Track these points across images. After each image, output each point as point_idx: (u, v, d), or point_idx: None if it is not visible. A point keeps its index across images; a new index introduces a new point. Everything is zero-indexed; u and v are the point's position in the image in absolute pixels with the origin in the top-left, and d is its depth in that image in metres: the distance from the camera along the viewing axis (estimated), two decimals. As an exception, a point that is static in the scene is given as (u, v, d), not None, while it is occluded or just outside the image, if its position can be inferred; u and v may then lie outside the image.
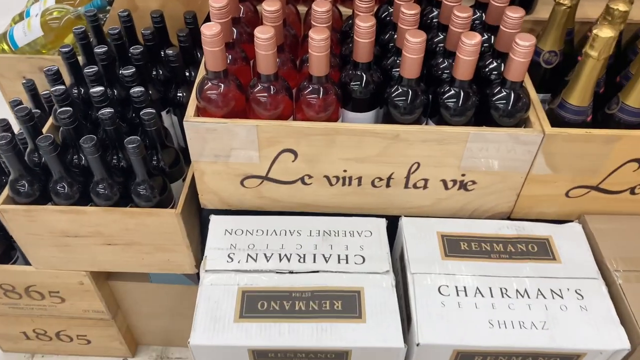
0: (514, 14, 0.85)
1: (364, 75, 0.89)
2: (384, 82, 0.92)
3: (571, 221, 1.00)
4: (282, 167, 0.93)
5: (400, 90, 0.87)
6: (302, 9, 1.13)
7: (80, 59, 1.22)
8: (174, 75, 1.21)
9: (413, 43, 0.80)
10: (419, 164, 0.92)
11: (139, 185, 1.02)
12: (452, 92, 0.86)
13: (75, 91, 1.19)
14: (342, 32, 1.04)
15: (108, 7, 1.42)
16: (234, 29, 0.96)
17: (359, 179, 0.95)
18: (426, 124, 0.92)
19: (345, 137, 0.88)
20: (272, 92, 0.86)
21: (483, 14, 1.01)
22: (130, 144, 0.95)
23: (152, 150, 1.07)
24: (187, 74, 1.24)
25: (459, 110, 0.87)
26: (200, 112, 0.90)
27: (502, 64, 0.91)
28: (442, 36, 0.97)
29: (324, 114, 0.88)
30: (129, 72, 1.10)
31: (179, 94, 1.21)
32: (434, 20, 1.02)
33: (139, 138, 0.96)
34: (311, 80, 0.86)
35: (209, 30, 0.80)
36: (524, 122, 0.90)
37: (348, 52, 0.97)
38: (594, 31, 0.80)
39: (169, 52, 1.17)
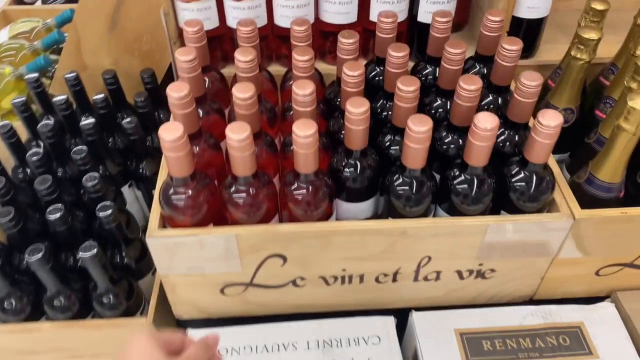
0: (531, 81, 0.72)
1: (359, 164, 0.75)
2: (383, 163, 0.78)
3: (602, 299, 0.88)
4: (269, 272, 0.79)
5: (404, 181, 0.73)
6: (276, 70, 0.99)
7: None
8: (133, 146, 1.05)
9: (417, 133, 0.67)
10: (430, 258, 0.79)
11: (100, 296, 0.86)
12: (465, 179, 0.73)
13: (21, 174, 1.03)
14: (325, 100, 0.90)
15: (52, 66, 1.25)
16: (200, 110, 0.82)
17: (361, 276, 0.81)
18: (435, 211, 0.79)
19: (343, 237, 0.74)
20: (251, 194, 0.72)
21: (484, 68, 0.88)
22: (86, 253, 0.80)
23: (113, 249, 0.92)
24: (149, 141, 1.09)
25: (474, 199, 0.74)
26: (165, 220, 0.75)
27: (517, 135, 0.78)
28: (441, 101, 0.84)
29: (316, 213, 0.74)
30: (80, 155, 0.93)
31: (141, 165, 1.05)
32: (429, 77, 0.89)
33: (95, 245, 0.81)
34: (298, 177, 0.71)
35: (170, 135, 0.65)
36: (548, 204, 0.77)
37: (336, 128, 0.83)
38: (629, 103, 0.68)
39: (126, 124, 1.01)
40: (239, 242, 0.73)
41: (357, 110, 0.69)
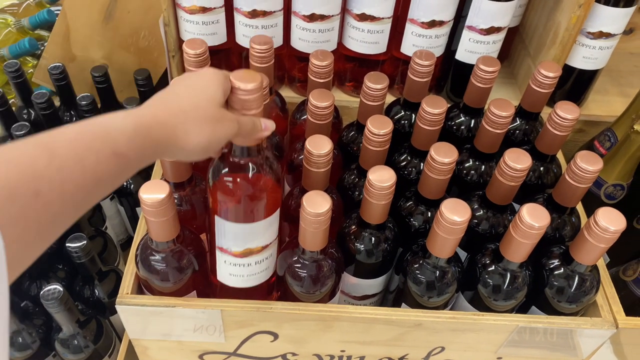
0: (589, 166, 0.60)
1: (375, 240, 0.64)
2: (401, 232, 0.67)
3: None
4: (257, 345, 0.68)
5: (427, 269, 0.62)
6: (288, 96, 0.86)
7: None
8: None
9: (451, 223, 0.55)
10: (443, 348, 0.68)
11: (65, 340, 0.76)
12: (499, 273, 0.62)
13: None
14: (340, 144, 0.77)
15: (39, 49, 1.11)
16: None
17: (361, 358, 0.71)
18: (456, 300, 0.68)
19: (347, 324, 0.63)
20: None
21: (527, 125, 0.76)
22: (48, 299, 0.69)
23: (83, 283, 0.81)
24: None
25: (505, 295, 0.63)
26: (141, 281, 0.64)
27: (563, 221, 0.67)
28: (476, 164, 0.72)
29: (318, 293, 0.63)
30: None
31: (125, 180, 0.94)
32: (462, 128, 0.77)
33: (59, 289, 0.70)
34: (302, 252, 0.60)
35: (151, 198, 0.53)
36: (587, 307, 0.66)
37: (350, 182, 0.71)
38: None
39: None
40: (225, 318, 0.62)
41: (380, 183, 0.57)
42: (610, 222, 0.56)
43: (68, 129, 0.38)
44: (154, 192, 0.54)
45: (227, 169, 0.53)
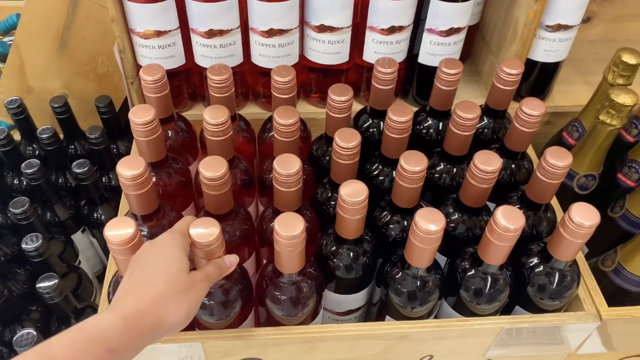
0: (559, 161, 0.60)
1: (352, 254, 0.63)
2: (380, 243, 0.66)
3: (616, 386, 0.78)
4: (243, 372, 0.66)
5: (408, 280, 0.61)
6: (252, 112, 0.85)
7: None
8: (87, 191, 0.90)
9: (426, 233, 0.54)
10: (431, 356, 0.68)
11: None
12: (479, 277, 0.61)
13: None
14: (311, 157, 0.76)
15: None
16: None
17: (350, 373, 0.70)
18: (440, 307, 0.67)
19: (332, 343, 0.62)
20: (222, 296, 0.59)
21: (494, 122, 0.76)
22: (22, 345, 0.66)
23: (59, 326, 0.79)
24: (105, 179, 0.95)
25: (487, 299, 0.62)
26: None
27: (537, 217, 0.67)
28: (447, 167, 0.71)
29: (300, 314, 0.62)
30: (20, 209, 0.78)
31: (96, 210, 0.91)
32: (430, 131, 0.76)
33: (33, 334, 0.67)
34: (280, 275, 0.59)
35: (116, 235, 0.51)
36: (570, 301, 0.66)
37: (324, 198, 0.70)
38: (677, 197, 0.57)
39: (77, 168, 0.85)
40: (206, 350, 0.61)
41: (353, 198, 0.56)
42: (584, 217, 0.56)
43: (63, 335, 0.43)
44: (119, 230, 0.52)
45: None
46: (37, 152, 0.96)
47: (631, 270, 0.65)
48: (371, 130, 0.77)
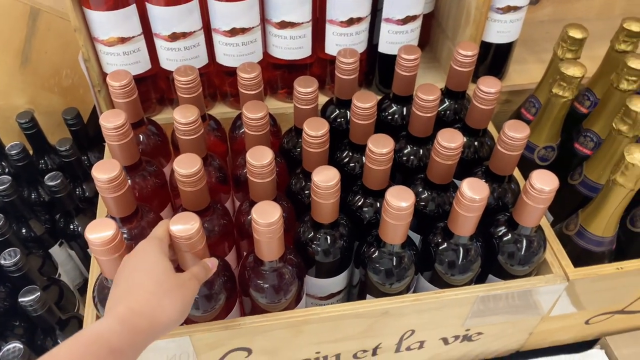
0: (517, 133, 0.63)
1: (329, 238, 0.65)
2: (356, 226, 0.68)
3: (590, 343, 0.83)
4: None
5: (384, 258, 0.63)
6: (222, 112, 0.86)
7: None
8: (61, 203, 0.90)
9: (397, 209, 0.57)
10: (413, 331, 0.70)
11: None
12: (451, 249, 0.64)
13: None
14: (282, 151, 0.78)
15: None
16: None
17: (337, 355, 0.72)
18: (417, 282, 0.70)
19: (316, 325, 0.64)
20: (206, 292, 0.61)
21: (456, 104, 0.80)
22: (10, 359, 0.67)
23: (44, 338, 0.79)
24: (79, 191, 0.95)
25: (460, 270, 0.65)
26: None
27: (501, 188, 0.70)
28: (414, 150, 0.74)
29: (284, 301, 0.63)
30: (-5, 227, 0.78)
31: (72, 222, 0.91)
32: (396, 117, 0.79)
33: (19, 347, 0.68)
34: (261, 264, 0.61)
35: (98, 238, 0.53)
36: (539, 266, 0.70)
37: (298, 188, 0.72)
38: (627, 158, 0.60)
39: (50, 180, 0.85)
40: (194, 343, 0.62)
41: (325, 183, 0.58)
42: (544, 183, 0.59)
43: (63, 344, 0.43)
44: (100, 231, 0.53)
45: None
46: (7, 169, 0.95)
47: (592, 231, 0.69)
48: (339, 120, 0.79)
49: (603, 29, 0.89)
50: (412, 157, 0.74)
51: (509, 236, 0.66)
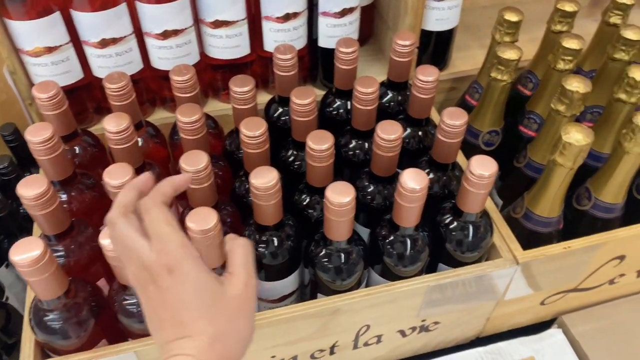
0: (455, 121, 0.63)
1: (275, 239, 0.63)
2: (302, 223, 0.67)
3: (548, 323, 0.83)
4: (187, 375, 0.66)
5: (331, 256, 0.62)
6: (160, 118, 0.84)
7: None
8: (2, 223, 0.87)
9: (339, 206, 0.56)
10: (368, 326, 0.70)
11: None
12: (398, 241, 0.64)
13: None
14: (225, 153, 0.77)
15: None
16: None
17: (294, 357, 0.71)
18: (369, 276, 0.69)
19: (268, 329, 0.63)
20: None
21: (398, 95, 0.79)
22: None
23: (-10, 365, 0.75)
24: (22, 209, 0.91)
25: (409, 261, 0.65)
26: (43, 346, 0.60)
27: (445, 177, 0.70)
28: (357, 144, 0.73)
29: (231, 307, 0.62)
30: None
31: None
32: (340, 112, 0.78)
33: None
34: (203, 272, 0.59)
35: (23, 258, 0.50)
36: (488, 251, 0.70)
37: (242, 191, 0.70)
38: (564, 138, 0.61)
39: (-12, 202, 0.82)
40: (141, 359, 0.60)
41: (264, 184, 0.57)
42: (483, 168, 0.59)
43: None
44: (25, 252, 0.50)
45: None
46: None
47: (538, 213, 0.69)
48: (283, 118, 0.78)
49: (542, 11, 0.89)
50: (357, 151, 0.73)
51: (455, 224, 0.66)
